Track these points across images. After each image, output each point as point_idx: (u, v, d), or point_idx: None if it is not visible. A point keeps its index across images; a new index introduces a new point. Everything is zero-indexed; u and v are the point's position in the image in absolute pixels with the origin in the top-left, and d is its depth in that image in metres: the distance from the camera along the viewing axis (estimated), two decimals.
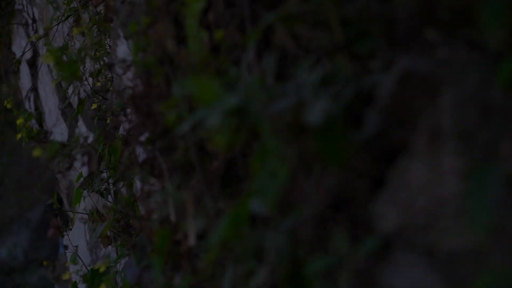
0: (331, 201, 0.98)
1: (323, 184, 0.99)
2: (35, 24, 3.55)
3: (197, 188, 1.42)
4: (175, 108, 1.47)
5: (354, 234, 1.11)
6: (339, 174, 1.01)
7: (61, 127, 3.50)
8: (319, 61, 1.27)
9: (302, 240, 1.20)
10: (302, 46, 1.32)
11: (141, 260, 1.72)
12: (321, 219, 0.99)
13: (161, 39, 1.41)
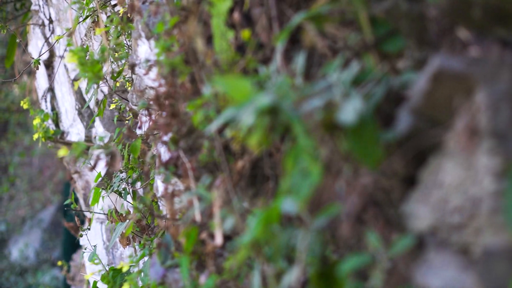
0: (367, 200, 0.98)
1: (360, 183, 0.99)
2: (52, 25, 3.56)
3: (223, 188, 1.43)
4: (202, 108, 1.47)
5: (386, 233, 1.11)
6: (372, 173, 1.01)
7: (78, 127, 3.51)
8: (348, 60, 1.27)
9: (334, 239, 1.20)
10: (328, 45, 1.32)
11: (165, 259, 1.72)
12: (357, 218, 0.99)
13: (190, 38, 1.41)
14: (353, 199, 1.00)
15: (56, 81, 3.64)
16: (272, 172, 1.50)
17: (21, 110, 12.69)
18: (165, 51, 1.54)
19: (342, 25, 1.28)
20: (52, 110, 3.73)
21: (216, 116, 1.40)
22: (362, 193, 0.99)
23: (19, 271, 9.89)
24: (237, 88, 1.09)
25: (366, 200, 0.99)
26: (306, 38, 1.22)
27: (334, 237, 1.23)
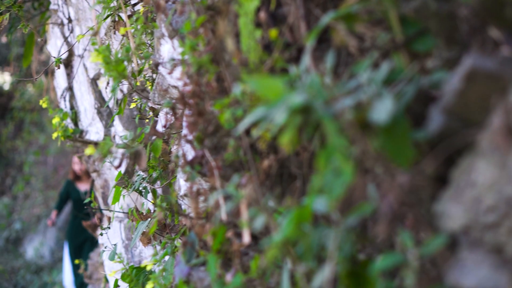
0: (404, 200, 0.98)
1: (396, 183, 0.99)
2: (71, 24, 3.57)
3: (250, 187, 1.43)
4: (229, 107, 1.47)
5: (417, 233, 1.11)
6: (407, 172, 1.01)
7: (97, 126, 3.52)
8: (376, 59, 1.27)
9: (360, 238, 1.21)
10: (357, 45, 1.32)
11: (190, 258, 1.72)
12: (393, 217, 0.99)
13: (219, 38, 1.42)
14: (389, 199, 0.99)
15: (75, 80, 3.66)
16: (299, 171, 1.50)
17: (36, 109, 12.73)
18: (191, 50, 1.55)
19: (372, 25, 1.28)
20: (71, 109, 3.75)
21: (244, 115, 1.40)
22: (398, 193, 0.99)
23: (34, 270, 9.94)
24: (269, 87, 1.09)
25: (403, 200, 0.99)
26: (336, 38, 1.22)
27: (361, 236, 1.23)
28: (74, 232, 7.80)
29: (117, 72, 1.83)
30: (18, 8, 3.07)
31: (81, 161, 7.61)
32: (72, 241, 7.82)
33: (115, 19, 2.88)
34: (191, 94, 1.63)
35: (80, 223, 7.43)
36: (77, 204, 7.72)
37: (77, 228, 7.63)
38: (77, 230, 7.69)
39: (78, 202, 7.68)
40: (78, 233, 7.69)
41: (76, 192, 7.94)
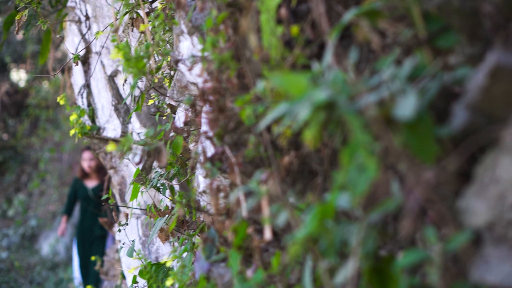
0: (430, 196, 0.98)
1: (422, 179, 0.99)
2: (88, 21, 3.59)
3: (272, 183, 1.43)
4: (250, 103, 1.47)
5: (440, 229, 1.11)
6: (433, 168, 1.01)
7: (114, 123, 3.53)
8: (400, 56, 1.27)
9: (386, 234, 1.21)
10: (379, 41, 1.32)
11: (210, 254, 1.73)
12: (420, 214, 0.99)
13: (241, 34, 1.42)
14: (415, 195, 1.00)
15: (92, 78, 3.67)
16: (320, 167, 1.50)
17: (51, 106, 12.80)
18: (212, 47, 1.55)
19: (394, 21, 1.28)
20: (88, 106, 3.76)
21: (266, 111, 1.40)
22: (425, 189, 0.99)
23: (50, 266, 9.99)
24: (292, 83, 1.10)
25: (429, 196, 0.99)
26: (360, 34, 1.22)
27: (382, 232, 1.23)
28: (83, 230, 7.73)
29: (137, 69, 1.84)
30: (37, 5, 3.08)
31: (98, 157, 7.58)
32: (82, 239, 7.75)
33: (133, 16, 2.88)
34: (212, 91, 1.63)
35: (89, 221, 7.57)
36: (85, 201, 7.69)
37: (87, 226, 7.64)
38: (86, 228, 7.66)
39: (86, 199, 7.68)
40: (87, 231, 7.66)
41: (83, 189, 7.83)
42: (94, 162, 7.68)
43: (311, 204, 1.36)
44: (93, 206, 7.59)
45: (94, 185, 7.78)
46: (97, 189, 7.71)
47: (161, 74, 2.76)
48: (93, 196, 7.66)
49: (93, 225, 7.60)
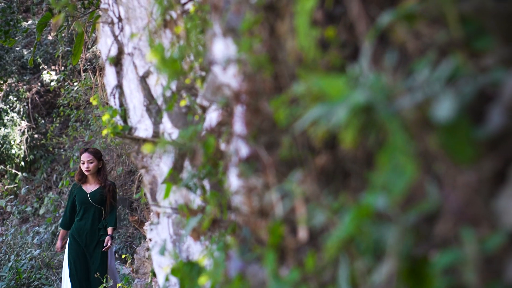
0: (470, 197, 0.99)
1: (462, 180, 1.00)
2: (121, 23, 3.63)
3: (307, 184, 1.45)
4: (286, 105, 1.49)
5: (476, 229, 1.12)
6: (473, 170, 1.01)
7: (146, 123, 3.57)
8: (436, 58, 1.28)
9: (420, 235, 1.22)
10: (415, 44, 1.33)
11: (243, 253, 1.75)
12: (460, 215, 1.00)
13: (278, 36, 1.44)
14: (455, 196, 1.01)
15: (124, 78, 3.71)
16: (355, 168, 1.51)
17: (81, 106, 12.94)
18: (247, 49, 1.57)
19: (429, 23, 1.29)
20: (121, 106, 3.81)
21: (302, 112, 1.42)
22: (464, 190, 1.00)
23: None
24: (331, 85, 1.11)
25: (469, 198, 1.00)
26: (396, 37, 1.23)
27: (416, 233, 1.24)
28: (82, 237, 7.26)
29: (173, 70, 1.87)
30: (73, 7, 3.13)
31: (97, 159, 7.28)
32: (81, 248, 7.24)
33: (166, 18, 2.92)
34: (247, 92, 1.65)
35: (89, 227, 7.18)
36: (85, 206, 7.33)
37: (87, 232, 7.25)
38: (86, 234, 7.26)
39: (85, 204, 7.32)
40: (88, 238, 7.24)
41: (82, 194, 7.39)
42: (94, 164, 7.34)
43: (345, 205, 1.37)
44: (93, 211, 7.32)
45: (94, 189, 7.41)
46: (98, 193, 7.36)
47: (193, 75, 2.79)
48: (93, 200, 7.33)
49: (94, 232, 7.25)
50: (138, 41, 3.45)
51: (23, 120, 16.61)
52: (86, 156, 7.34)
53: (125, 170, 12.44)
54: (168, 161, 3.34)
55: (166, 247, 3.45)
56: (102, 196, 7.32)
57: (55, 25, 3.11)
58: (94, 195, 7.33)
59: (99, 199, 7.33)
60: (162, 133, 3.48)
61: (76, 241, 7.21)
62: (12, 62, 16.49)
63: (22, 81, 16.87)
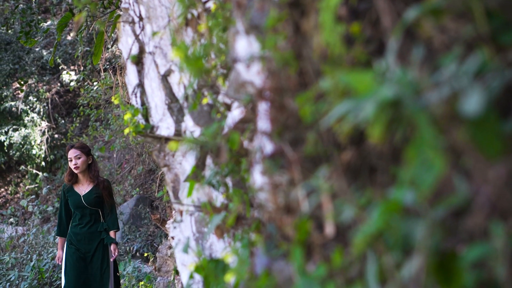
0: (501, 191, 0.99)
1: (493, 174, 1.00)
2: (142, 22, 3.65)
3: (334, 180, 1.45)
4: (311, 101, 1.50)
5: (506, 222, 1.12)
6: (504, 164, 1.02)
7: (168, 121, 3.58)
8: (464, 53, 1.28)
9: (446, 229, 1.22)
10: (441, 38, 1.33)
11: (269, 250, 1.76)
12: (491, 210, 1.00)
13: (303, 33, 1.45)
14: (486, 191, 1.01)
15: (145, 77, 3.73)
16: (380, 163, 1.51)
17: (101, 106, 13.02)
18: (272, 46, 1.58)
19: (455, 18, 1.29)
20: (142, 105, 3.83)
21: (328, 108, 1.42)
22: (496, 184, 1.00)
23: None
24: (359, 81, 1.12)
25: (499, 191, 1.00)
26: (423, 32, 1.23)
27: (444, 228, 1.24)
28: (84, 241, 6.62)
29: (197, 68, 1.88)
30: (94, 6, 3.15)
31: (86, 155, 6.62)
32: (84, 252, 6.61)
33: (187, 17, 2.93)
34: (271, 89, 1.66)
35: (88, 230, 6.58)
36: (80, 210, 6.64)
37: (87, 235, 6.61)
38: (87, 238, 6.63)
39: (80, 208, 6.63)
40: (89, 242, 6.62)
41: (75, 196, 6.66)
42: (82, 160, 6.60)
43: (373, 200, 1.38)
44: (89, 214, 6.64)
45: (87, 190, 6.67)
46: (92, 194, 6.64)
47: (215, 73, 2.80)
48: (87, 203, 6.62)
49: (92, 236, 6.63)
50: (159, 40, 3.47)
51: (43, 121, 16.74)
52: (73, 152, 6.60)
53: (145, 169, 12.50)
54: (191, 159, 3.35)
55: (189, 245, 3.47)
56: (98, 197, 6.63)
57: (77, 24, 3.14)
58: (89, 197, 6.63)
59: (94, 201, 6.62)
60: (184, 131, 3.50)
61: (74, 248, 6.61)
62: (32, 63, 16.61)
63: (42, 81, 17.00)
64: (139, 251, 11.10)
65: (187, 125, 3.44)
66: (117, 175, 13.20)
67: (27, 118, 16.39)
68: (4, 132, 16.18)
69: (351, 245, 1.34)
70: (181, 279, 4.47)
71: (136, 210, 12.02)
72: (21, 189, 16.65)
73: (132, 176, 12.84)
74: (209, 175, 2.68)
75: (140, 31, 3.70)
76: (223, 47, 2.56)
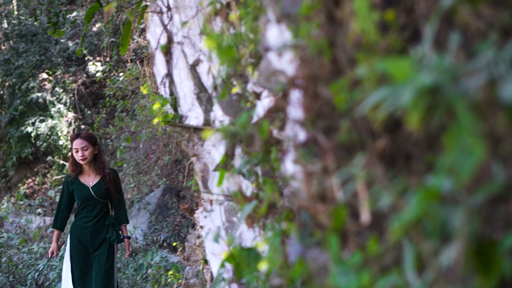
0: None
1: None
2: (170, 12, 3.66)
3: (370, 167, 1.45)
4: (345, 89, 1.49)
5: None
6: None
7: (196, 111, 3.59)
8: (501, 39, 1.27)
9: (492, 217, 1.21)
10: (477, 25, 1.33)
11: (303, 238, 1.76)
12: None
13: (337, 20, 1.44)
14: None
15: (174, 67, 3.74)
16: (416, 150, 1.51)
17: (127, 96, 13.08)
18: (306, 34, 1.58)
19: (493, 4, 1.28)
20: (171, 95, 3.84)
21: (364, 96, 1.42)
22: None
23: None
24: (396, 68, 1.11)
25: None
26: (460, 19, 1.23)
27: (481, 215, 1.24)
28: (90, 235, 6.27)
29: (229, 57, 1.88)
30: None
31: (93, 144, 6.20)
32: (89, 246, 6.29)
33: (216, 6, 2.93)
34: (304, 77, 1.66)
35: (96, 223, 6.25)
36: (87, 203, 6.26)
37: (94, 229, 6.27)
38: (93, 231, 6.27)
39: (87, 200, 6.25)
40: (95, 235, 6.27)
41: (82, 188, 6.26)
42: (89, 151, 6.19)
43: (408, 188, 1.37)
44: (97, 207, 6.28)
45: (95, 181, 6.27)
46: (102, 185, 6.26)
47: (245, 62, 2.81)
48: (97, 195, 6.25)
49: (99, 230, 6.29)
50: (188, 30, 3.48)
51: (69, 111, 16.86)
52: (80, 142, 6.15)
53: (171, 159, 12.55)
54: (220, 148, 3.36)
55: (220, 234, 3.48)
56: (107, 189, 6.26)
57: (107, 14, 3.16)
58: (98, 189, 6.25)
59: (104, 193, 6.25)
60: (213, 121, 3.51)
61: (79, 242, 6.28)
62: (57, 54, 16.73)
63: (68, 72, 17.12)
64: (166, 241, 11.17)
65: (216, 114, 3.45)
66: (143, 166, 13.26)
67: (54, 109, 16.52)
68: (31, 123, 16.33)
69: (387, 233, 1.34)
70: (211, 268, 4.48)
71: (162, 200, 12.08)
72: (48, 180, 16.81)
73: (158, 166, 12.90)
74: (239, 164, 2.68)
75: (168, 21, 3.71)
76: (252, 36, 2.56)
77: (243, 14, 2.14)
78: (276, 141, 2.38)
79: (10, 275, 8.28)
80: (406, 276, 1.28)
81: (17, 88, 16.57)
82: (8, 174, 17.10)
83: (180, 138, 3.89)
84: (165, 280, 7.53)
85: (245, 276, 2.35)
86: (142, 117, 11.60)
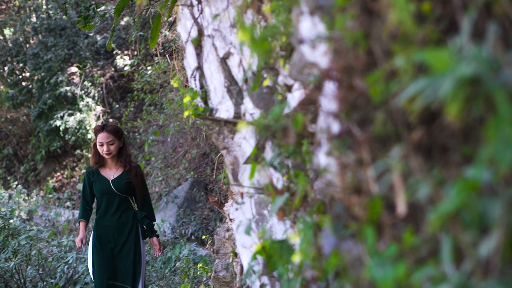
0: None
1: None
2: (200, 5, 3.67)
3: (407, 159, 1.45)
4: (382, 80, 1.49)
5: None
6: None
7: (227, 104, 3.60)
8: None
9: None
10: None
11: (338, 230, 1.76)
12: None
13: (374, 12, 1.44)
14: None
15: (204, 60, 3.75)
16: (452, 142, 1.51)
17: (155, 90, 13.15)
18: (341, 26, 1.58)
19: None
20: (201, 88, 3.85)
21: (400, 87, 1.42)
22: None
23: None
24: (436, 58, 1.11)
25: None
26: (498, 9, 1.22)
27: None
28: (113, 233, 6.02)
29: (263, 49, 1.89)
30: None
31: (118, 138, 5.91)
32: (113, 244, 6.04)
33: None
34: (340, 69, 1.66)
35: (118, 219, 6.00)
36: (107, 196, 6.01)
37: (116, 226, 6.03)
38: (116, 229, 6.04)
39: (107, 194, 6.00)
40: (118, 233, 6.04)
41: (103, 181, 6.02)
42: (115, 145, 5.94)
43: (445, 179, 1.37)
44: (118, 202, 6.00)
45: (116, 174, 6.04)
46: (123, 179, 6.01)
47: (276, 54, 2.81)
48: (117, 189, 6.00)
49: (122, 227, 6.02)
50: (219, 23, 3.49)
51: (98, 105, 16.98)
52: (105, 136, 5.89)
53: (199, 153, 12.60)
54: (251, 141, 3.37)
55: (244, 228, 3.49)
56: (129, 183, 5.99)
57: (139, 8, 3.18)
58: (118, 183, 5.99)
59: (125, 187, 5.99)
60: (244, 113, 3.52)
61: (101, 240, 6.03)
62: (86, 48, 16.85)
63: (96, 66, 17.23)
64: (194, 235, 11.22)
65: (246, 107, 3.46)
66: (171, 159, 13.33)
67: (82, 103, 16.64)
68: (60, 117, 16.46)
69: (425, 224, 1.34)
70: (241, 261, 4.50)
71: (190, 193, 12.14)
72: (77, 173, 16.95)
73: (186, 159, 12.95)
74: (271, 157, 2.69)
75: (199, 14, 3.72)
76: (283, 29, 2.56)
77: (275, 7, 2.14)
78: (308, 134, 2.38)
79: (40, 268, 8.37)
80: (443, 268, 1.28)
81: (46, 82, 16.71)
82: (37, 168, 17.27)
83: (210, 131, 3.91)
84: (194, 273, 7.56)
85: (277, 269, 2.35)
86: (170, 111, 11.65)
